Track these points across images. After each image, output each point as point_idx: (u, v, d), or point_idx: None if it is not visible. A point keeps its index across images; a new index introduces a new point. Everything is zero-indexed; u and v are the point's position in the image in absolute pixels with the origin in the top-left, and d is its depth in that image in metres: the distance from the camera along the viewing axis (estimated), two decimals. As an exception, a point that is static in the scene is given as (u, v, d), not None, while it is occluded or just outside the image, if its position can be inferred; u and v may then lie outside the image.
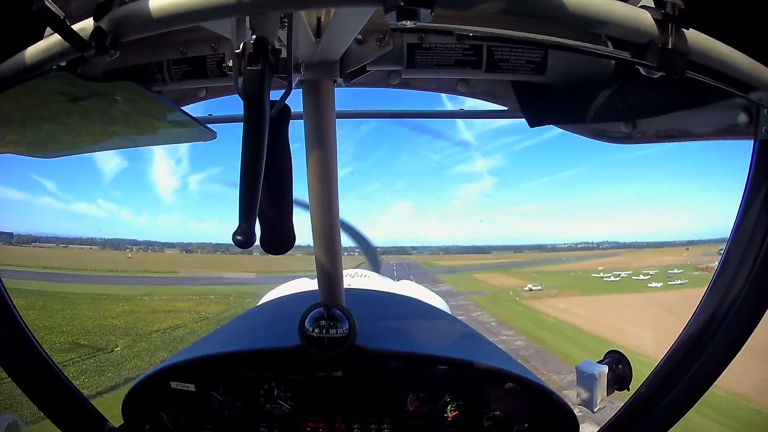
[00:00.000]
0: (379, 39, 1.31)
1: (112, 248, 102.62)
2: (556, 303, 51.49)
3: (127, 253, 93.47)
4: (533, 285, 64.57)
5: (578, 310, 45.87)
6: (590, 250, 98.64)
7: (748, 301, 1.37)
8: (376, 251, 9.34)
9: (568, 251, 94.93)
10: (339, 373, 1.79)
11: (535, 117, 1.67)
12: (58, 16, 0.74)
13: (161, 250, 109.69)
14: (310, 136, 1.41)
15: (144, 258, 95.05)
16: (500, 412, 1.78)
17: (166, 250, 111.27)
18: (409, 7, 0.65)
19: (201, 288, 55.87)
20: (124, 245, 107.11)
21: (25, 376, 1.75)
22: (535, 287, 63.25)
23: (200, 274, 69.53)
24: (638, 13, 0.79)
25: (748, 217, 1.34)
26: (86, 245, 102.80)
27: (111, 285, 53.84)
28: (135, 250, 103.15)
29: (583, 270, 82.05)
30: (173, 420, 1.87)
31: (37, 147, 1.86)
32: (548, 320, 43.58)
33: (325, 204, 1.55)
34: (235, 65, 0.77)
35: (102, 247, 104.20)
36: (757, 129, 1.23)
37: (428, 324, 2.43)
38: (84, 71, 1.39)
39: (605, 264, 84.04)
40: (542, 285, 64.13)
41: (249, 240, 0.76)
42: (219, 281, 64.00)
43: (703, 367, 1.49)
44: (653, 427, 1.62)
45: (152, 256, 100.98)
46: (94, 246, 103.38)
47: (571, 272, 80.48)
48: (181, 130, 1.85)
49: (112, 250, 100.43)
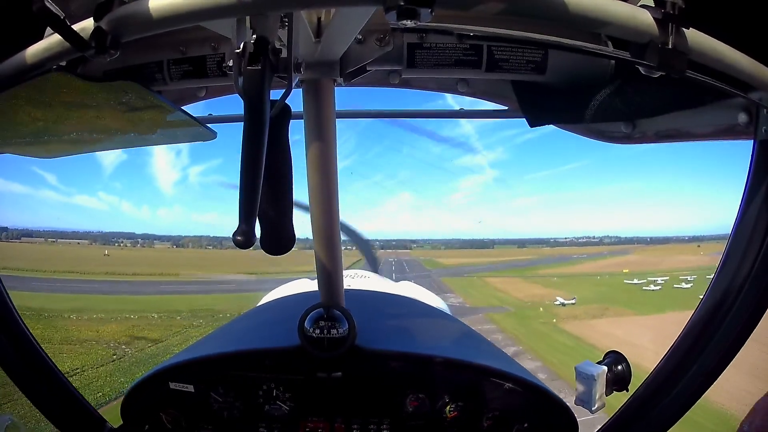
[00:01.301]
0: (379, 39, 1.31)
1: (102, 243, 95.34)
2: (612, 328, 38.71)
3: (104, 249, 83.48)
4: (564, 297, 52.49)
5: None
6: (594, 245, 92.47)
7: (748, 301, 1.37)
8: (373, 248, 9.26)
9: (571, 246, 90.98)
10: (339, 373, 1.79)
11: (535, 117, 1.67)
12: (58, 16, 0.74)
13: (151, 244, 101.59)
14: (310, 136, 1.41)
15: (126, 255, 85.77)
16: (499, 412, 1.78)
17: (156, 244, 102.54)
18: (409, 7, 0.65)
19: (157, 298, 45.40)
20: (116, 239, 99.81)
21: (25, 376, 1.74)
22: (567, 300, 51.49)
23: (171, 278, 60.18)
24: (638, 13, 0.79)
25: (748, 217, 1.34)
26: (78, 239, 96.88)
27: (49, 293, 43.69)
28: (124, 245, 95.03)
29: (608, 273, 70.62)
30: (172, 420, 1.87)
31: (38, 147, 1.86)
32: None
33: (325, 204, 1.55)
34: (235, 65, 0.77)
35: (92, 241, 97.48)
36: (757, 129, 1.23)
37: (428, 324, 2.43)
38: (84, 71, 1.39)
39: (623, 264, 76.00)
40: (575, 297, 52.16)
41: (249, 240, 0.75)
42: (188, 288, 52.70)
43: (702, 367, 1.49)
44: (652, 427, 1.62)
45: (137, 252, 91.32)
46: (83, 240, 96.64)
47: (596, 276, 69.68)
48: (181, 129, 1.85)
49: (101, 245, 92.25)
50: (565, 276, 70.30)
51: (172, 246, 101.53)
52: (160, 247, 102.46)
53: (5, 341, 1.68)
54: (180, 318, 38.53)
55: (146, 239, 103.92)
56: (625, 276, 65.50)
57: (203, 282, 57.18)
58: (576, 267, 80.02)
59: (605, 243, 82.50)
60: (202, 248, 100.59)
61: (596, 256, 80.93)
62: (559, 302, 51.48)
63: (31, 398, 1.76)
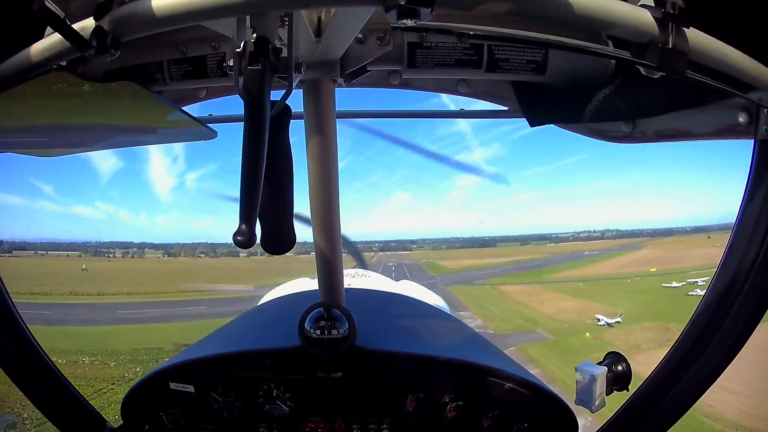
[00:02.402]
0: (379, 38, 1.31)
1: (93, 254, 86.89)
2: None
3: (90, 262, 71.74)
4: (606, 313, 39.32)
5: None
6: (596, 239, 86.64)
7: (749, 301, 1.37)
8: (358, 247, 9.28)
9: (575, 241, 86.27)
10: (339, 373, 1.79)
11: (536, 117, 1.68)
12: (59, 16, 0.74)
13: (142, 254, 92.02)
14: (310, 136, 1.41)
15: (109, 268, 72.63)
16: (499, 412, 1.78)
17: (149, 253, 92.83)
18: (409, 6, 0.65)
19: (104, 330, 36.17)
20: (109, 249, 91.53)
21: (25, 376, 1.75)
22: (611, 319, 38.30)
23: (139, 298, 48.14)
24: (639, 13, 0.79)
25: (748, 217, 1.34)
26: (71, 251, 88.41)
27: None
28: (113, 256, 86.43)
29: (635, 274, 59.00)
30: (173, 421, 1.87)
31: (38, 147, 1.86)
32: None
33: (326, 204, 1.55)
34: (235, 65, 0.77)
35: (82, 253, 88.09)
36: (757, 129, 1.23)
37: (428, 324, 2.43)
38: (84, 71, 1.40)
39: (644, 262, 65.13)
40: (620, 312, 39.10)
41: (249, 240, 0.75)
42: (150, 314, 41.55)
43: (702, 368, 1.49)
44: (652, 427, 1.62)
45: (123, 263, 79.66)
46: (75, 252, 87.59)
47: (624, 278, 57.54)
48: (182, 130, 1.85)
49: (92, 257, 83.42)
50: (589, 280, 58.40)
51: (164, 255, 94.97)
52: (151, 257, 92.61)
53: (5, 341, 1.68)
54: (114, 364, 29.44)
55: (143, 248, 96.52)
56: (658, 277, 54.10)
57: (171, 304, 45.96)
58: (593, 267, 68.13)
59: (607, 237, 79.25)
60: (192, 257, 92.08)
61: (608, 252, 71.52)
62: (603, 322, 38.00)
63: (31, 398, 1.76)
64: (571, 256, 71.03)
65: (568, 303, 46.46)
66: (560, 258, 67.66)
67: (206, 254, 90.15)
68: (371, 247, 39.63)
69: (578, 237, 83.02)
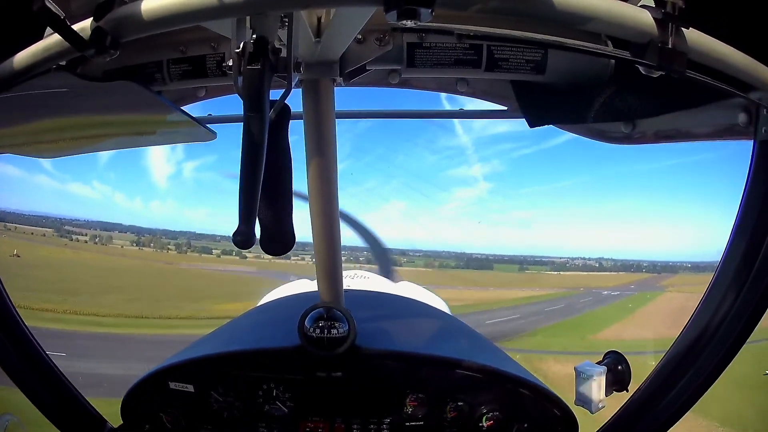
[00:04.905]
0: (379, 38, 1.31)
1: (58, 235, 68.91)
2: None
3: (15, 249, 52.10)
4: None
5: None
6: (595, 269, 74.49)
7: (748, 302, 1.37)
8: (389, 254, 8.55)
9: (575, 270, 77.43)
10: (339, 373, 1.79)
11: (535, 117, 1.67)
12: (58, 16, 0.74)
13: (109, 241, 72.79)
14: (310, 136, 1.41)
15: (50, 257, 47.19)
16: (500, 412, 1.78)
17: (116, 240, 73.91)
18: (409, 7, 0.65)
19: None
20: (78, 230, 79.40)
21: (25, 376, 1.75)
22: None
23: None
24: (638, 13, 0.79)
25: (747, 218, 1.34)
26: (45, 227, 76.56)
27: None
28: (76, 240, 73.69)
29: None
30: (172, 420, 1.87)
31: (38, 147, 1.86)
32: None
33: (325, 204, 1.55)
34: (235, 65, 0.77)
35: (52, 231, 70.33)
36: (756, 129, 1.23)
37: (428, 324, 2.43)
38: (84, 71, 1.39)
39: (688, 313, 48.29)
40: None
41: (249, 240, 0.76)
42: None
43: (701, 368, 1.49)
44: (652, 427, 1.62)
45: (78, 254, 56.32)
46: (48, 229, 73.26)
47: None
48: (181, 130, 1.85)
49: (56, 236, 65.80)
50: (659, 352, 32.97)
51: (132, 244, 78.09)
52: (118, 243, 71.53)
53: (5, 341, 1.68)
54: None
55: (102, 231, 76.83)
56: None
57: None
58: (634, 321, 38.31)
59: (605, 267, 73.89)
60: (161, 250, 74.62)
61: (630, 293, 49.37)
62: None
63: (31, 398, 1.76)
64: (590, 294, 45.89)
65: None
66: (584, 299, 43.17)
67: (179, 251, 75.96)
68: (358, 256, 34.65)
69: (574, 263, 76.92)
